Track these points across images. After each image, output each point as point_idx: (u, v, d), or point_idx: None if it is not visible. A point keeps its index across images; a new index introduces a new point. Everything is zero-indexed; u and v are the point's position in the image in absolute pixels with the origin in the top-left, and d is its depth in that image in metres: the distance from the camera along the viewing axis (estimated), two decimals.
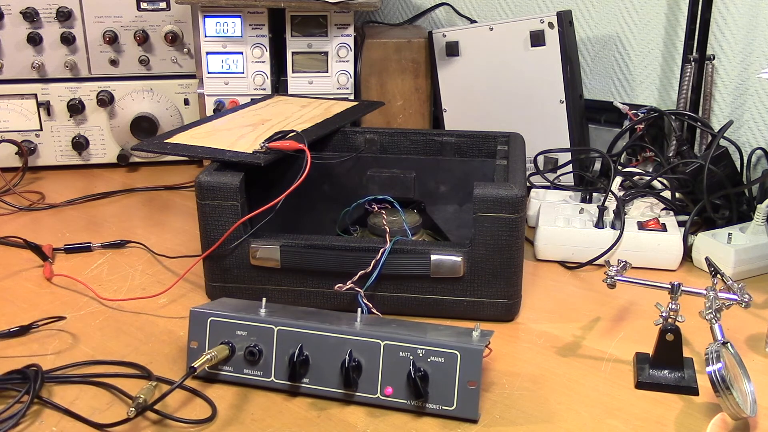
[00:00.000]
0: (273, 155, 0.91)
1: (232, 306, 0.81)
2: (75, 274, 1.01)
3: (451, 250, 0.87)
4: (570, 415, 0.74)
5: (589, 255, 1.03)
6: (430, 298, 0.89)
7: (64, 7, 1.32)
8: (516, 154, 0.97)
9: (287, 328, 0.75)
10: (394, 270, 0.87)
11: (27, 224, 1.18)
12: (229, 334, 0.77)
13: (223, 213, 0.89)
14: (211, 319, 0.77)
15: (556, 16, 1.19)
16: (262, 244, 0.89)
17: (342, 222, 1.01)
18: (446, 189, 1.06)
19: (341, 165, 1.06)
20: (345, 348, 0.74)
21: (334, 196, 1.07)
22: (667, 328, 0.78)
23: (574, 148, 1.23)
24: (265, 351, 0.76)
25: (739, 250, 1.00)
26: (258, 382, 0.77)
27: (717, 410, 0.74)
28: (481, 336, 0.74)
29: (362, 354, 0.74)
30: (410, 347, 0.72)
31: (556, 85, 1.22)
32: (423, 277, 0.87)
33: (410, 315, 0.88)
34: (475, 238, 0.86)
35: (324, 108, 1.14)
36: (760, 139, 1.25)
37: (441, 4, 1.51)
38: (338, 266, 0.87)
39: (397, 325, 0.78)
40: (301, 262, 0.88)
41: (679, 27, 1.28)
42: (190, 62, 1.38)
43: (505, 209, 0.85)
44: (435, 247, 0.88)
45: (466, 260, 0.87)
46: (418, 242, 0.94)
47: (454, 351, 0.71)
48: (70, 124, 1.38)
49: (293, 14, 1.26)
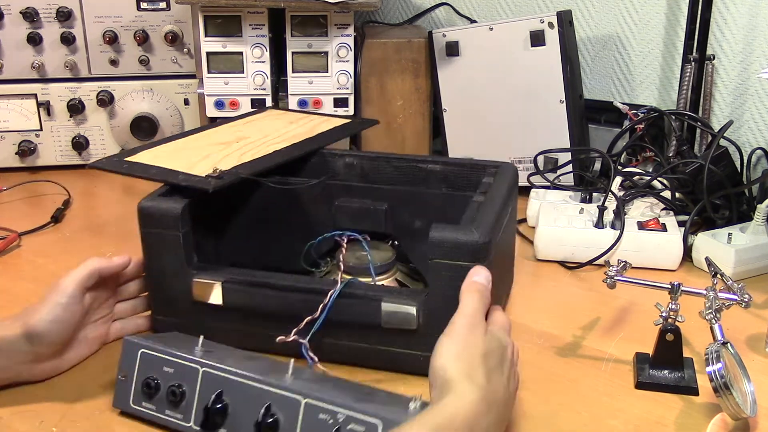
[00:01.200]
0: (225, 180, 0.83)
1: (172, 340, 0.76)
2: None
3: (406, 299, 0.77)
4: (570, 415, 0.74)
5: (589, 255, 1.03)
6: (383, 350, 0.79)
7: (64, 7, 1.32)
8: (498, 189, 0.86)
9: (212, 371, 0.69)
10: (344, 317, 0.77)
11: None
12: (157, 369, 0.71)
13: (165, 243, 0.80)
14: (141, 351, 0.72)
15: (556, 16, 1.19)
16: (203, 279, 0.81)
17: (307, 256, 0.91)
18: (422, 224, 0.93)
19: (310, 192, 0.95)
20: (264, 401, 0.66)
21: (301, 226, 0.96)
22: (667, 328, 0.78)
23: (574, 148, 1.23)
24: (188, 393, 0.70)
25: (739, 250, 1.00)
26: (176, 426, 0.70)
27: (717, 410, 0.74)
28: (420, 407, 0.63)
29: (282, 410, 0.66)
30: (331, 410, 0.64)
31: (556, 85, 1.22)
32: (374, 326, 0.77)
33: (362, 366, 0.80)
34: (432, 288, 0.76)
35: (311, 126, 1.09)
36: (760, 139, 1.25)
37: (441, 4, 1.51)
38: (283, 309, 0.78)
39: (332, 385, 0.70)
40: (244, 301, 0.80)
41: (679, 27, 1.28)
42: (190, 62, 1.38)
43: (464, 257, 0.73)
44: (388, 294, 0.78)
45: (421, 311, 0.76)
46: (371, 287, 0.83)
47: (375, 420, 0.62)
48: (70, 124, 1.38)
49: (293, 14, 1.26)
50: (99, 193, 1.32)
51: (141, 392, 0.72)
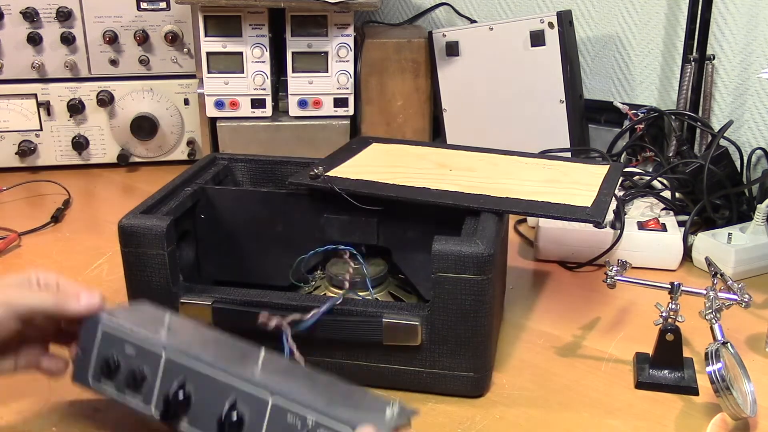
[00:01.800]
0: (296, 188, 0.85)
1: (139, 315, 0.71)
2: None
3: (408, 314, 0.74)
4: (570, 415, 0.74)
5: (589, 255, 1.03)
6: (384, 367, 0.76)
7: (64, 7, 1.32)
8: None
9: (175, 359, 0.64)
10: (343, 335, 0.74)
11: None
12: (119, 348, 0.67)
13: (148, 263, 0.77)
14: (103, 329, 0.67)
15: (556, 16, 1.19)
16: (191, 300, 0.77)
17: (296, 271, 0.87)
18: (414, 234, 0.87)
19: (298, 204, 0.89)
20: (228, 396, 0.61)
21: (286, 240, 0.90)
22: (667, 328, 0.78)
23: (574, 148, 1.23)
24: (149, 377, 0.65)
25: (739, 250, 1.00)
26: (138, 408, 0.66)
27: (717, 410, 0.74)
28: (397, 414, 0.58)
29: (248, 407, 0.60)
30: (299, 413, 0.58)
31: (556, 85, 1.22)
32: (375, 344, 0.75)
33: (365, 385, 0.70)
34: (435, 302, 0.73)
35: (555, 185, 0.89)
36: (760, 139, 1.25)
37: (441, 4, 1.51)
38: (279, 330, 0.73)
39: (305, 379, 0.65)
40: (236, 323, 0.75)
41: (679, 27, 1.28)
42: (190, 62, 1.38)
43: (469, 269, 0.71)
44: (388, 309, 0.76)
45: (424, 326, 0.74)
46: (370, 302, 0.81)
47: (345, 427, 0.56)
48: (70, 124, 1.38)
49: (293, 14, 1.26)
50: (99, 193, 1.32)
51: (100, 370, 0.67)
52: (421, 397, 0.76)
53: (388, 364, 0.76)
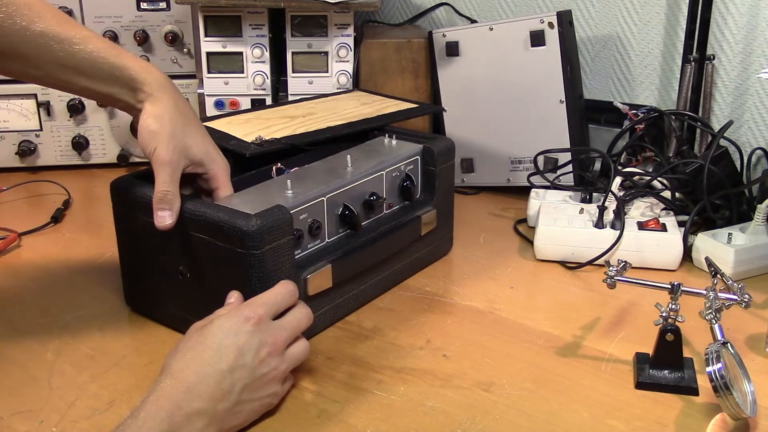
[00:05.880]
0: (264, 148, 0.93)
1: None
2: None
3: (428, 207, 1.00)
4: (570, 415, 0.74)
5: (589, 255, 1.03)
6: (418, 256, 1.01)
7: (64, 7, 1.32)
8: None
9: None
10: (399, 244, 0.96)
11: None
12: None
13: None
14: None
15: (556, 16, 1.19)
16: (314, 271, 0.84)
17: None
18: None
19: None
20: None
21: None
22: (667, 328, 0.78)
23: (574, 148, 1.23)
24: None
25: (739, 250, 1.00)
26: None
27: (717, 410, 0.74)
28: None
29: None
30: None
31: (556, 85, 1.22)
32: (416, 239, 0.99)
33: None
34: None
35: (379, 107, 1.12)
36: (760, 139, 1.25)
37: (441, 4, 1.51)
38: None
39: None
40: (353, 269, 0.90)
41: (679, 27, 1.28)
42: (190, 62, 1.38)
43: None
44: (421, 210, 0.99)
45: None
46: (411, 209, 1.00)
47: None
48: (70, 124, 1.38)
49: (293, 14, 1.26)
50: (99, 193, 1.32)
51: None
52: (421, 397, 0.76)
53: (419, 252, 1.01)
